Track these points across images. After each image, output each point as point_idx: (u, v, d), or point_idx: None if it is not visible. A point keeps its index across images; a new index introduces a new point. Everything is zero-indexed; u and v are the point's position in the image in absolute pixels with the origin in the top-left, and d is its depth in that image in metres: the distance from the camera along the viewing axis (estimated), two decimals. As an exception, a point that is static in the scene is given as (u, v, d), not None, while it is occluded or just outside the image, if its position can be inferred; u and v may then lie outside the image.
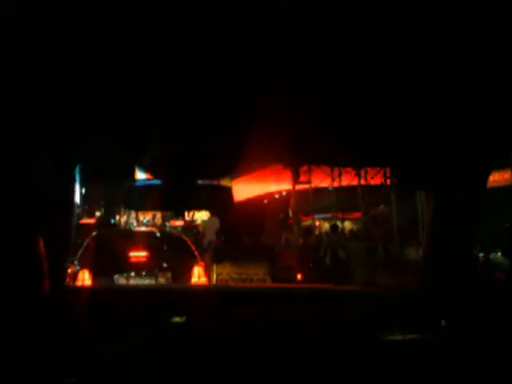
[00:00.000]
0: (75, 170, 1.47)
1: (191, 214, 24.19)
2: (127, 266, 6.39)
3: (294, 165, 10.07)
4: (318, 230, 14.89)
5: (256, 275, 9.81)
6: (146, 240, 7.04)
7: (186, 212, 23.89)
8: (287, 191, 15.31)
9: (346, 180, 13.69)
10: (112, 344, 1.38)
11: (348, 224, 15.13)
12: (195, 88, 1.29)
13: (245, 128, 1.42)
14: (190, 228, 18.97)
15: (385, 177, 11.25)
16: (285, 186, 15.04)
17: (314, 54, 1.16)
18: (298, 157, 1.84)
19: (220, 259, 9.83)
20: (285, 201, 15.95)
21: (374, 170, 11.11)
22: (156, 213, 28.27)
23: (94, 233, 7.29)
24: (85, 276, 6.06)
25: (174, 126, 1.43)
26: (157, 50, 1.13)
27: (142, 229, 13.89)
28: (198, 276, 6.51)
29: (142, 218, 29.64)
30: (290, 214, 15.66)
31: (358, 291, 2.18)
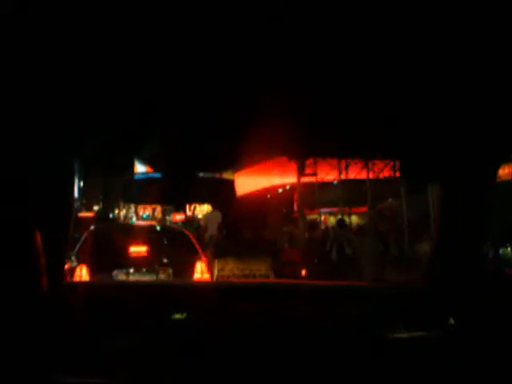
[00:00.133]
0: (74, 164, 1.48)
1: (192, 208, 24.21)
2: (126, 262, 6.36)
3: (299, 157, 10.06)
4: (323, 225, 14.88)
5: (259, 271, 9.79)
6: (146, 234, 6.99)
7: (188, 206, 23.93)
8: (292, 184, 15.28)
9: (353, 173, 13.66)
10: (111, 341, 1.40)
11: (355, 218, 15.12)
12: (196, 79, 1.29)
13: (248, 119, 1.42)
14: (191, 222, 18.99)
15: (394, 170, 11.21)
16: (289, 179, 15.00)
17: (322, 44, 1.17)
18: (303, 149, 1.84)
19: (221, 254, 9.81)
20: (289, 194, 15.93)
21: (383, 163, 11.07)
22: (156, 207, 28.29)
23: (92, 227, 7.26)
24: (82, 272, 6.04)
25: (175, 117, 1.43)
26: (156, 41, 1.15)
27: (141, 223, 13.79)
28: (200, 272, 6.47)
29: (141, 213, 29.66)
30: (294, 207, 15.65)
31: (362, 287, 2.19)
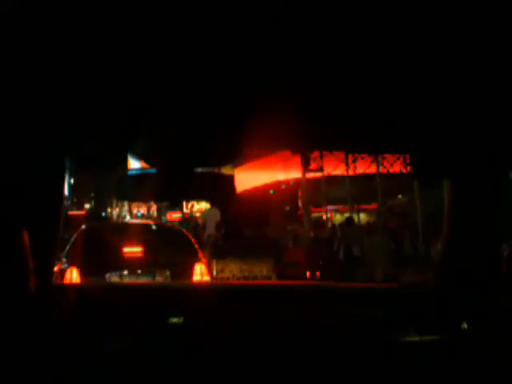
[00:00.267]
0: (64, 160, 1.48)
1: (190, 206, 24.25)
2: (120, 264, 6.34)
3: (303, 151, 10.04)
4: (330, 223, 14.89)
5: (260, 272, 9.79)
6: (142, 234, 6.93)
7: (185, 203, 23.96)
8: (296, 180, 15.27)
9: (362, 167, 13.63)
10: (103, 346, 1.40)
11: (363, 216, 15.12)
12: (193, 67, 1.28)
13: (249, 109, 1.41)
14: (189, 221, 19.05)
15: (405, 163, 11.17)
16: (293, 174, 15.00)
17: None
18: (308, 142, 1.83)
19: (220, 255, 9.79)
20: (292, 191, 15.93)
21: (394, 157, 11.05)
22: (151, 205, 28.35)
23: (83, 226, 7.21)
24: (73, 274, 6.00)
25: (170, 108, 1.42)
26: (153, 35, 1.16)
27: (136, 221, 13.75)
28: (200, 274, 6.44)
29: (135, 211, 29.70)
30: (298, 204, 15.65)
31: (367, 288, 2.19)
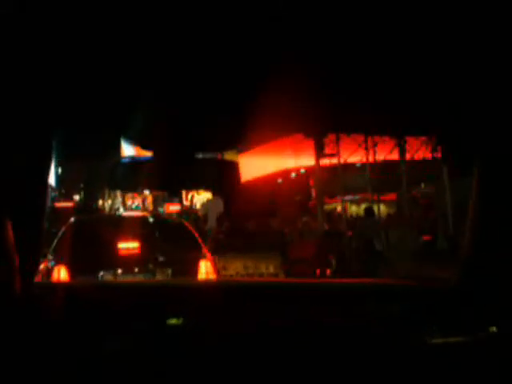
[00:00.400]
0: (49, 142, 1.47)
1: (190, 197, 24.31)
2: (115, 261, 6.30)
3: (317, 134, 10.03)
4: (344, 215, 14.90)
5: (266, 269, 9.80)
6: (138, 228, 6.85)
7: (184, 193, 24.02)
8: (307, 168, 15.26)
9: (383, 153, 13.61)
10: (99, 347, 1.40)
11: (383, 207, 15.13)
12: (194, 39, 1.27)
13: (255, 86, 1.40)
14: (188, 214, 19.08)
15: (433, 149, 11.11)
16: (305, 160, 14.99)
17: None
18: (322, 123, 1.83)
19: (222, 251, 9.79)
20: (303, 179, 15.92)
21: (419, 141, 10.99)
22: (146, 196, 28.44)
23: (72, 219, 7.18)
24: (61, 273, 5.94)
25: (167, 85, 1.41)
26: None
27: (131, 214, 13.65)
28: (205, 272, 6.32)
29: (129, 203, 29.81)
30: (311, 194, 15.65)
31: (385, 285, 2.20)
